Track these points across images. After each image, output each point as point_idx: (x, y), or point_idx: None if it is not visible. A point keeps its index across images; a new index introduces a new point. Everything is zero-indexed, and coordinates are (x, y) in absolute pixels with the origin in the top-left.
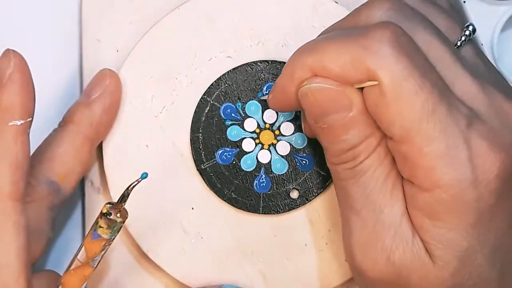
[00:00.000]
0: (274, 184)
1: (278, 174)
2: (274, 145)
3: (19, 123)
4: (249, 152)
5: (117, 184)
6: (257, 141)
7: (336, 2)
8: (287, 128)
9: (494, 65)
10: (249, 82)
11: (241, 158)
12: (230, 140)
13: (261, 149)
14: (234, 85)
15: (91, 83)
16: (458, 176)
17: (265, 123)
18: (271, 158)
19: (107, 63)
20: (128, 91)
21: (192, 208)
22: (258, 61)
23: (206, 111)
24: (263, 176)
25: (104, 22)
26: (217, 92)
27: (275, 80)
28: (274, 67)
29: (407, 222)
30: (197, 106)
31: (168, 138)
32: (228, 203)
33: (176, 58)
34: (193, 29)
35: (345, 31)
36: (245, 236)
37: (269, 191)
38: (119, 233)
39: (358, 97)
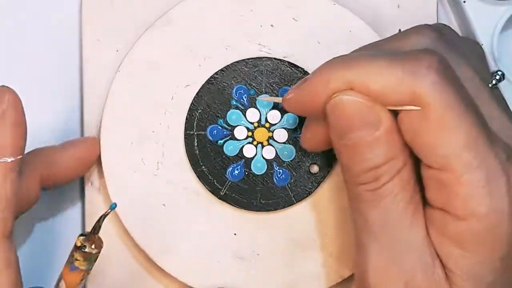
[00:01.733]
0: (292, 170)
1: (291, 160)
2: (271, 137)
3: (9, 160)
4: (254, 157)
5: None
6: (254, 142)
7: None
8: (274, 115)
9: (494, 66)
10: (217, 96)
11: (250, 165)
12: (232, 156)
13: (262, 147)
14: (206, 107)
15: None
16: (495, 207)
17: (252, 123)
18: (276, 150)
19: (107, 63)
20: (120, 164)
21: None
22: (214, 76)
23: (196, 144)
24: (279, 169)
25: (104, 22)
26: (195, 122)
27: (236, 83)
28: (232, 71)
29: (427, 249)
30: (185, 144)
31: (177, 185)
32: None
33: (141, 114)
34: None
35: (389, 52)
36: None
37: (291, 179)
38: (119, 234)
39: (386, 116)
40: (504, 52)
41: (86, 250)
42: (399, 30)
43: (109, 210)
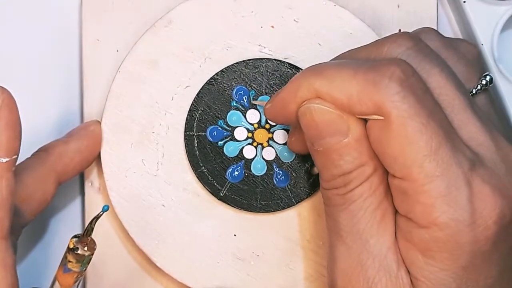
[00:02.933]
0: (292, 171)
1: (291, 161)
2: (271, 138)
3: (4, 160)
4: (254, 158)
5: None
6: (254, 143)
7: None
8: None
9: (495, 68)
10: (217, 97)
11: (250, 166)
12: (232, 157)
13: (262, 148)
14: (206, 108)
15: (76, 127)
16: (456, 217)
17: (252, 124)
18: (276, 151)
19: (107, 63)
20: (119, 164)
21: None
22: (214, 77)
23: (196, 145)
24: (278, 170)
25: (104, 22)
26: (195, 122)
27: (236, 84)
28: (232, 72)
29: (393, 255)
30: (185, 145)
31: (177, 186)
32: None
33: (141, 115)
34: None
35: (357, 61)
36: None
37: (291, 181)
38: (118, 234)
39: (356, 124)
40: (504, 52)
41: (79, 252)
42: (399, 30)
43: (101, 213)
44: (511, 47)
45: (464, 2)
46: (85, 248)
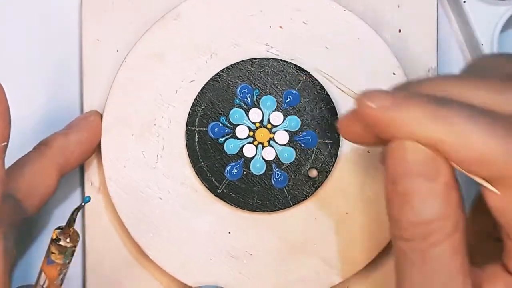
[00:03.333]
0: (291, 173)
1: (290, 163)
2: (272, 138)
3: None
4: (253, 157)
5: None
6: (255, 142)
7: None
8: (277, 117)
9: None
10: (221, 94)
11: (249, 165)
12: (232, 154)
13: (262, 148)
14: (209, 103)
15: (75, 118)
16: None
17: (254, 123)
18: (276, 152)
19: (107, 63)
20: (119, 154)
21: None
22: (220, 73)
23: (197, 140)
24: (277, 171)
25: (104, 22)
26: (198, 118)
27: (241, 82)
28: (238, 69)
29: None
30: (186, 140)
31: (175, 179)
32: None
33: (144, 106)
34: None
35: (490, 115)
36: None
37: (289, 182)
38: (118, 230)
39: (446, 170)
40: (504, 52)
41: (61, 243)
42: (399, 30)
43: (83, 204)
44: (511, 47)
45: (464, 2)
46: (68, 240)
